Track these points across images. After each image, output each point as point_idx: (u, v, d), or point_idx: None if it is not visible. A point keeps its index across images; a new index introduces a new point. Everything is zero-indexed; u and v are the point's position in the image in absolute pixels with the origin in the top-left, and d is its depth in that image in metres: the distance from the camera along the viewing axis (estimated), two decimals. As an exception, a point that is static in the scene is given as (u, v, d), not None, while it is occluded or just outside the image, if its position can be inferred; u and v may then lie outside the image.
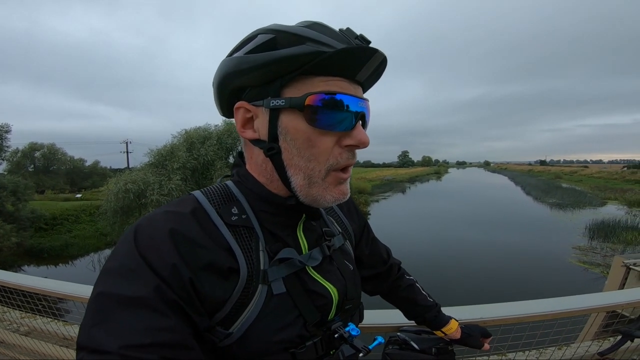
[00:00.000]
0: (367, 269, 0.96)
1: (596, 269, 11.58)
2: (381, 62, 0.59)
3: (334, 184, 0.61)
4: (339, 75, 0.57)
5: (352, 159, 0.61)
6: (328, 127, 0.57)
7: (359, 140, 0.59)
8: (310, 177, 0.59)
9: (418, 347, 1.04)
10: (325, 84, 0.56)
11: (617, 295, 1.55)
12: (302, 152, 0.58)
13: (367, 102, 0.62)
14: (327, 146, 0.58)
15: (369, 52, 0.56)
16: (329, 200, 0.61)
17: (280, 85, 0.57)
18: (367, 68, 0.58)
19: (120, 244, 0.53)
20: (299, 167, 0.58)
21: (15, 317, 2.37)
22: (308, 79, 0.56)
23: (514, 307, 1.41)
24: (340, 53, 0.53)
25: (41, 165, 34.78)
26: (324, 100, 0.55)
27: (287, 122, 0.57)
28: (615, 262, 3.83)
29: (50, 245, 16.69)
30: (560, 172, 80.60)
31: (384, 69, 0.63)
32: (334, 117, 0.56)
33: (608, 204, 28.95)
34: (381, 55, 0.58)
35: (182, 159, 15.79)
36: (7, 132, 21.97)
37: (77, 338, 0.46)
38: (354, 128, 0.59)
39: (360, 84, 0.62)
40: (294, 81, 0.56)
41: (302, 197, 0.61)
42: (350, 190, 0.66)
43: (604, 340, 1.56)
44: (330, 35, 0.55)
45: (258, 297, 0.58)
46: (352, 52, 0.55)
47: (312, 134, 0.57)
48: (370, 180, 52.50)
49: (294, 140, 0.57)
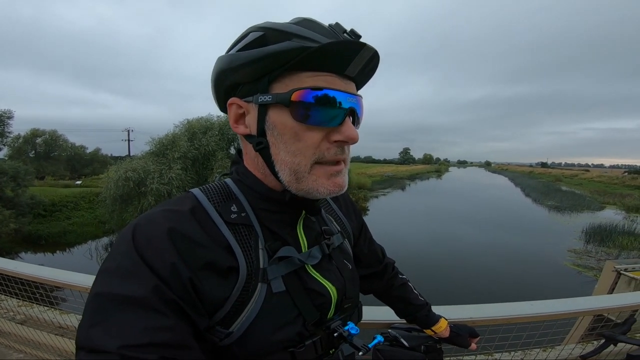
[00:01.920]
0: (363, 268, 0.96)
1: (589, 272, 11.61)
2: (372, 56, 0.58)
3: (324, 176, 0.60)
4: (326, 71, 0.57)
5: (341, 155, 0.61)
6: (314, 123, 0.57)
7: (347, 136, 0.58)
8: (297, 172, 0.58)
9: (408, 344, 1.05)
10: (312, 80, 0.56)
11: (604, 300, 1.56)
12: (288, 147, 0.58)
13: (360, 98, 0.62)
14: (314, 141, 0.58)
15: (355, 46, 0.55)
16: (322, 192, 0.60)
17: (268, 81, 0.57)
18: (357, 63, 0.57)
19: (118, 243, 0.52)
20: (285, 161, 0.58)
21: (12, 305, 2.36)
22: (295, 74, 0.56)
23: (502, 308, 1.43)
24: (325, 48, 0.53)
25: (42, 151, 34.57)
26: (309, 96, 0.55)
27: (274, 117, 0.58)
28: (606, 266, 3.85)
29: (48, 232, 16.65)
30: (561, 174, 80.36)
31: (376, 64, 0.62)
32: (320, 113, 0.56)
33: (606, 208, 28.92)
34: (370, 49, 0.57)
35: (183, 149, 15.69)
36: (10, 118, 21.86)
37: (76, 337, 0.46)
38: (342, 124, 0.58)
39: (353, 79, 0.61)
40: (282, 77, 0.57)
41: (294, 191, 0.60)
42: (350, 186, 0.65)
43: (588, 343, 1.58)
44: (318, 30, 0.55)
45: (258, 296, 0.58)
46: (337, 47, 0.54)
47: (299, 129, 0.57)
48: (371, 176, 52.31)
49: (281, 135, 0.58)
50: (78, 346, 0.45)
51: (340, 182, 0.62)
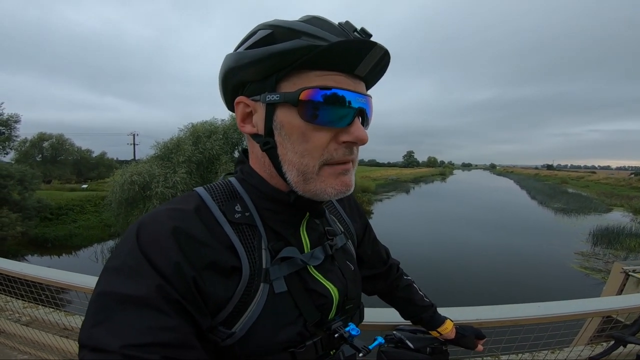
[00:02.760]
0: (367, 269, 0.96)
1: (597, 275, 11.47)
2: (383, 56, 0.57)
3: (332, 176, 0.59)
4: (336, 70, 0.55)
5: (349, 155, 0.59)
6: (322, 123, 0.56)
7: (356, 137, 0.57)
8: (305, 173, 0.57)
9: (413, 346, 1.04)
10: (321, 79, 0.55)
11: (613, 301, 1.54)
12: (295, 147, 0.57)
13: (369, 99, 0.61)
14: (322, 142, 0.56)
15: (366, 45, 0.54)
16: (330, 193, 0.59)
17: (276, 80, 0.56)
18: (367, 62, 0.56)
19: (123, 242, 0.52)
20: (293, 162, 0.57)
21: (18, 307, 2.37)
22: (304, 73, 0.55)
23: (509, 310, 1.41)
24: (335, 46, 0.52)
25: (49, 155, 35.01)
26: (318, 95, 0.54)
27: (282, 116, 0.57)
28: (614, 268, 3.80)
29: (54, 235, 16.80)
30: (567, 177, 79.77)
31: (387, 63, 0.60)
32: (329, 113, 0.55)
33: (614, 210, 28.63)
34: (381, 49, 0.55)
35: (187, 153, 15.83)
36: (17, 122, 22.22)
37: (79, 336, 0.46)
38: (351, 124, 0.57)
39: (364, 79, 0.60)
40: (290, 76, 0.56)
41: (300, 192, 0.60)
42: (354, 189, 0.64)
43: (597, 345, 1.56)
44: (327, 29, 0.54)
45: (260, 296, 0.57)
46: (347, 46, 0.53)
47: (307, 129, 0.56)
48: (375, 179, 52.31)
49: (289, 135, 0.57)
50: (81, 344, 0.45)
51: (348, 182, 0.61)
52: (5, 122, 21.62)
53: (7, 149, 22.31)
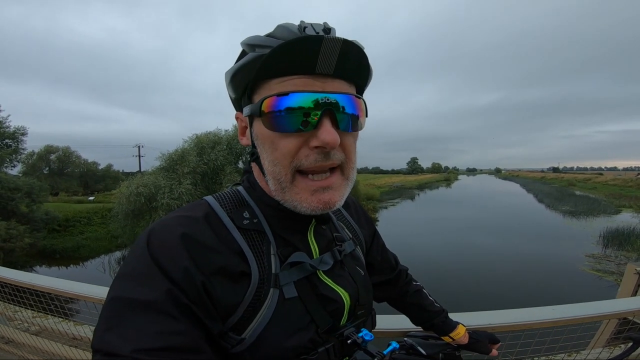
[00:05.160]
0: (377, 276, 0.95)
1: (610, 277, 11.32)
2: (347, 48, 0.52)
3: (307, 191, 0.57)
4: (296, 74, 0.53)
5: (323, 161, 0.56)
6: (284, 129, 0.54)
7: (322, 141, 0.53)
8: (280, 182, 0.57)
9: (425, 352, 1.02)
10: (280, 85, 0.54)
11: (628, 303, 1.51)
12: (269, 156, 0.57)
13: (352, 97, 0.57)
14: (289, 148, 0.55)
15: (310, 40, 0.50)
16: (305, 208, 0.57)
17: (249, 94, 0.59)
18: (326, 58, 0.52)
19: (134, 249, 0.53)
20: (269, 171, 0.58)
21: (27, 317, 2.39)
22: (266, 83, 0.56)
23: (522, 314, 1.39)
24: (277, 50, 0.51)
25: (56, 167, 35.45)
26: (277, 102, 0.53)
27: (256, 128, 0.59)
28: (628, 269, 3.72)
29: (62, 247, 16.97)
30: (574, 179, 79.03)
31: (361, 56, 0.55)
32: (287, 118, 0.53)
33: (623, 211, 28.26)
34: (333, 41, 0.50)
35: (192, 164, 15.93)
36: (24, 135, 22.48)
37: (91, 341, 0.47)
38: (318, 127, 0.54)
39: (343, 77, 0.56)
40: (257, 87, 0.58)
41: (281, 201, 0.59)
42: (358, 197, 0.63)
43: (615, 347, 1.53)
44: (282, 35, 0.54)
45: (270, 301, 0.57)
46: (291, 47, 0.50)
47: (274, 137, 0.56)
48: (379, 186, 52.21)
49: (262, 145, 0.58)
50: (94, 349, 0.46)
51: (328, 199, 0.58)
52: (12, 135, 21.89)
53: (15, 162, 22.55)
